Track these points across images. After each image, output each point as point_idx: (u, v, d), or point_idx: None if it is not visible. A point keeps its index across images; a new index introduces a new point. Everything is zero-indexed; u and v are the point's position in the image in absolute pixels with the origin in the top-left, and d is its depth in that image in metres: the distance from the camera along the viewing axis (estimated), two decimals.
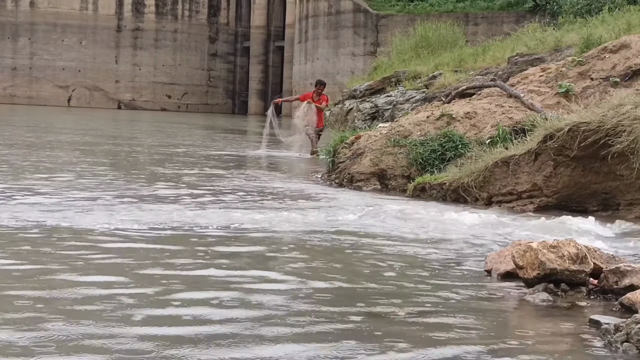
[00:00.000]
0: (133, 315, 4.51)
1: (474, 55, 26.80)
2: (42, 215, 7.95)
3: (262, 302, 4.92)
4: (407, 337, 4.29)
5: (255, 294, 5.12)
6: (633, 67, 12.15)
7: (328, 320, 4.60)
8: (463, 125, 12.14)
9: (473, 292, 5.51)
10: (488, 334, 4.42)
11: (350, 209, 9.43)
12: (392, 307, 4.95)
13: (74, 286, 5.10)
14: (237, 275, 5.72)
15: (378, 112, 25.64)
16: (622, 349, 4.14)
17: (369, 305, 4.97)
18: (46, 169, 13.11)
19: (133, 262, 5.99)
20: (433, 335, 4.36)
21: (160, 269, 5.79)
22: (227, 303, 4.86)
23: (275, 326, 4.41)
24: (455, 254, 6.92)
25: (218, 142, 24.36)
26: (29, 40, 67.26)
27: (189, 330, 4.24)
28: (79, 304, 4.70)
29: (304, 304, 4.94)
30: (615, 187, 9.54)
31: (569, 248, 5.50)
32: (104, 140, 23.15)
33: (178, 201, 9.68)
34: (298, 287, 5.43)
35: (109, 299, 4.81)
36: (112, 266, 5.83)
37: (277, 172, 15.07)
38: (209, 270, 5.84)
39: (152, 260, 6.08)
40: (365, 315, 4.74)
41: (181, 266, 5.92)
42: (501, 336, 4.41)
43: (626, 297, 4.97)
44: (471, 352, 4.06)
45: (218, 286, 5.31)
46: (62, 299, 4.78)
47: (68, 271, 5.57)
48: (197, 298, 4.96)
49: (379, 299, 5.17)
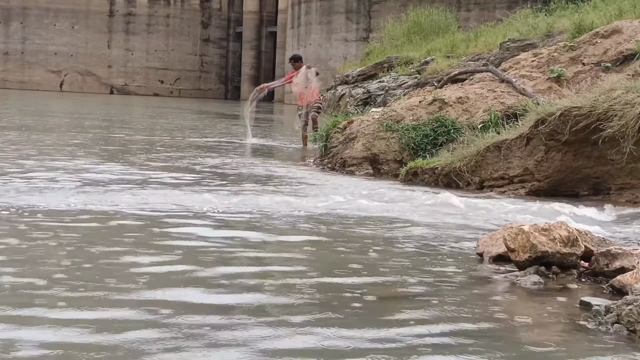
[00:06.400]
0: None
1: (466, 40, 26.74)
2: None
3: (251, 283, 4.95)
4: (395, 318, 4.31)
5: (245, 278, 5.15)
6: (624, 52, 12.18)
7: (313, 300, 4.62)
8: (455, 110, 12.15)
9: (464, 274, 5.54)
10: (479, 316, 4.44)
11: (341, 193, 9.46)
12: (381, 289, 4.98)
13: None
14: (230, 258, 5.75)
15: (370, 97, 25.59)
16: (613, 330, 4.17)
17: (358, 287, 4.98)
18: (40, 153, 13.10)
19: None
20: (423, 316, 4.38)
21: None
22: (221, 282, 4.89)
23: (267, 304, 4.44)
24: (446, 236, 6.94)
25: (210, 129, 24.31)
26: (21, 24, 67.03)
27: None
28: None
29: (290, 286, 4.97)
30: (606, 172, 9.58)
31: (561, 231, 5.53)
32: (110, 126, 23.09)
33: (171, 186, 9.68)
34: (287, 269, 5.45)
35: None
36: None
37: (268, 157, 15.06)
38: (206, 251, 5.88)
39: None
40: (353, 296, 4.75)
41: (178, 247, 5.94)
42: (492, 318, 4.43)
43: (617, 280, 5.00)
44: (461, 334, 4.08)
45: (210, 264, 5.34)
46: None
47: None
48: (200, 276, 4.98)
49: (368, 280, 5.19)
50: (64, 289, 4.61)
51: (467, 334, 4.10)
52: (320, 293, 4.81)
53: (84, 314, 4.14)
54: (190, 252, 5.83)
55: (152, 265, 5.34)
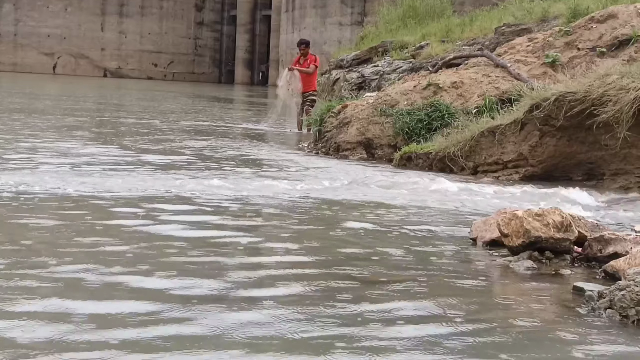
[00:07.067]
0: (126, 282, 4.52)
1: (461, 25, 26.67)
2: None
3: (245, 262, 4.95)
4: (389, 302, 4.31)
5: (238, 257, 5.14)
6: (619, 37, 12.17)
7: (306, 283, 4.61)
8: (450, 95, 12.14)
9: (458, 259, 5.54)
10: (472, 301, 4.44)
11: (334, 177, 9.45)
12: (374, 273, 4.97)
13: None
14: (223, 242, 5.74)
15: (365, 82, 25.54)
16: (606, 315, 4.18)
17: (350, 270, 4.98)
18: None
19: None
20: (415, 300, 4.38)
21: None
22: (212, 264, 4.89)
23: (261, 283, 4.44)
24: (440, 221, 6.94)
25: (204, 113, 24.26)
26: (13, 6, 66.70)
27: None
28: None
29: (283, 268, 4.97)
30: (600, 157, 9.58)
31: (554, 216, 5.53)
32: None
33: (167, 169, 9.67)
34: (278, 252, 5.45)
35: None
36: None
37: (262, 142, 15.04)
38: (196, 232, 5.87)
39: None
40: (346, 279, 4.74)
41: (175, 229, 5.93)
42: (485, 303, 4.43)
43: (610, 265, 5.01)
44: (454, 319, 4.08)
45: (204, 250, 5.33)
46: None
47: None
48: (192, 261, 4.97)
49: (361, 264, 5.18)
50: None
51: (459, 319, 4.09)
52: (310, 278, 4.79)
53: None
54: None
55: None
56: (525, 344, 3.78)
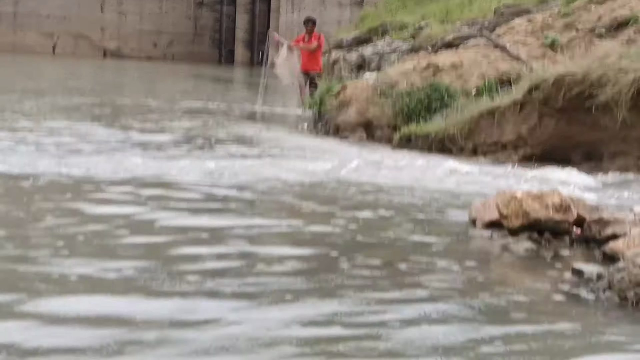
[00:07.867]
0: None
1: (460, 6, 26.59)
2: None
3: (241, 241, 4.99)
4: (387, 283, 4.33)
5: (236, 238, 5.17)
6: (619, 18, 12.15)
7: (306, 264, 4.65)
8: (449, 76, 12.13)
9: (457, 240, 5.57)
10: (471, 282, 4.47)
11: (332, 158, 9.45)
12: (374, 254, 5.00)
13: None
14: (225, 227, 5.77)
15: (364, 62, 25.50)
16: (604, 297, 4.20)
17: (350, 252, 5.00)
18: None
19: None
20: (415, 281, 4.41)
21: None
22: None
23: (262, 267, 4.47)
24: (439, 203, 6.96)
25: (201, 93, 24.22)
26: None
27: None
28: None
29: (282, 247, 5.01)
30: (599, 139, 9.58)
31: (553, 198, 5.55)
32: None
33: (157, 149, 9.67)
34: (278, 231, 5.48)
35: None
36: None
37: (263, 122, 15.03)
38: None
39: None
40: (346, 260, 4.77)
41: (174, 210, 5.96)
42: (484, 284, 4.46)
43: (609, 246, 5.03)
44: (453, 299, 4.11)
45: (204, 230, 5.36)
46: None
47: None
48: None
49: (358, 246, 5.21)
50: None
51: (457, 299, 4.12)
52: (306, 260, 4.82)
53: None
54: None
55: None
56: (522, 325, 3.80)
